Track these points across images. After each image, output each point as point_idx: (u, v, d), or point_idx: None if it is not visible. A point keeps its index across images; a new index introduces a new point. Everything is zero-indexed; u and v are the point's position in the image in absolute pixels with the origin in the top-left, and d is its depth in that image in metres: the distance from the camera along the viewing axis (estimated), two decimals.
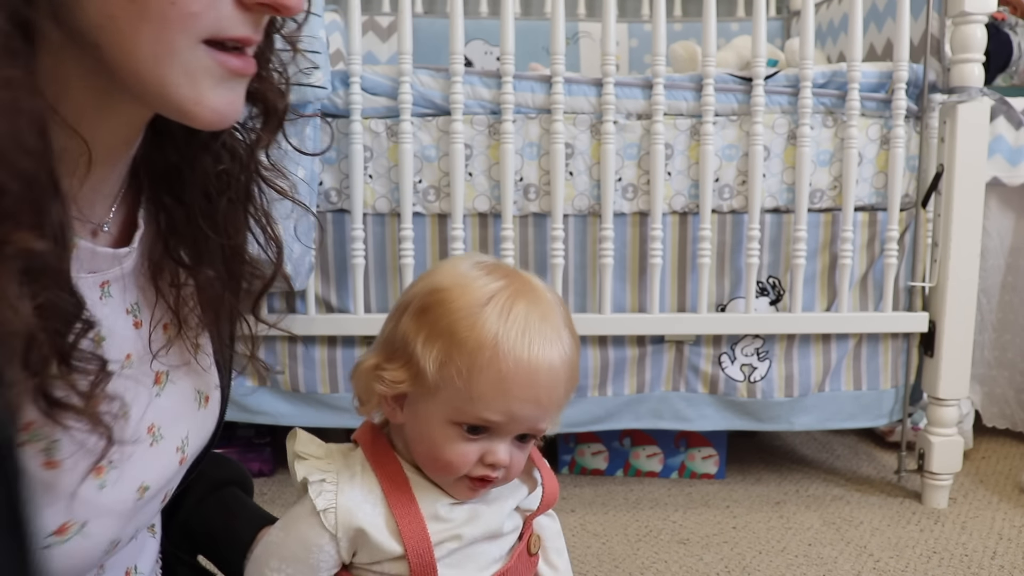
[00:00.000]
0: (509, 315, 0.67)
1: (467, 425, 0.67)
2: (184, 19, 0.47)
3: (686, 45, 1.94)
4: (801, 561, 1.41)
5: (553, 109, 1.49)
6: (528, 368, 0.66)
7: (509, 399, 0.66)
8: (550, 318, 0.69)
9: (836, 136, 1.57)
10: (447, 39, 1.48)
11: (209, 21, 0.48)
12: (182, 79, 0.48)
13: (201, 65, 0.49)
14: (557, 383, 0.68)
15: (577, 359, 0.72)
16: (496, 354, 0.65)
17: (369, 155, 1.51)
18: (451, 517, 0.70)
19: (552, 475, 0.78)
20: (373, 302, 1.56)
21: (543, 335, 0.67)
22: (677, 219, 1.57)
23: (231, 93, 0.52)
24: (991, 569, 1.38)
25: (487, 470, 0.68)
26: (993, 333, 1.93)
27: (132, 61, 0.47)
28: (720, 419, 1.63)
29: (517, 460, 0.71)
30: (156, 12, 0.46)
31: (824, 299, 1.62)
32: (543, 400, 0.68)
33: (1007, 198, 1.86)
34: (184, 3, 0.46)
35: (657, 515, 1.59)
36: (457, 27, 1.47)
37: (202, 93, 0.50)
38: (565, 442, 1.79)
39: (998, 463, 1.85)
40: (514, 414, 0.67)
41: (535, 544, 0.76)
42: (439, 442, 0.68)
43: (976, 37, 1.49)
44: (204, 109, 0.50)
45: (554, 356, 0.67)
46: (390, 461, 0.71)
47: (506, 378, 0.66)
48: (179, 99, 0.49)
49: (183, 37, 0.47)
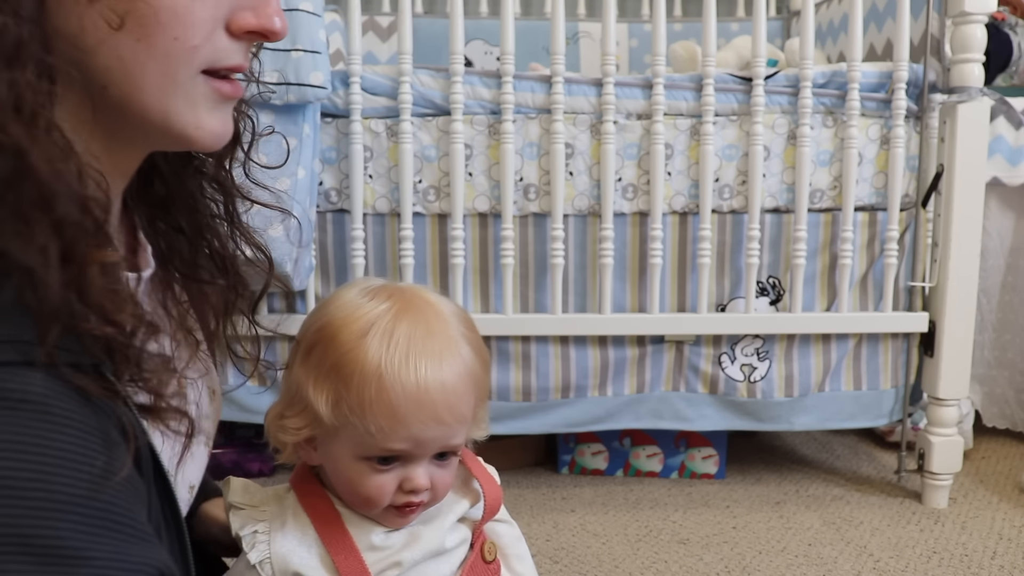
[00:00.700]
0: (391, 340, 0.66)
1: (376, 458, 0.67)
2: (186, 53, 0.50)
3: (686, 45, 1.94)
4: (801, 561, 1.41)
5: (553, 109, 1.49)
6: (418, 392, 0.65)
7: (407, 426, 0.65)
8: (438, 333, 0.68)
9: (836, 136, 1.57)
10: (447, 39, 1.48)
11: (207, 53, 0.52)
12: (183, 107, 0.52)
13: (200, 93, 0.53)
14: (455, 399, 0.67)
15: (480, 366, 0.71)
16: (382, 385, 0.64)
17: (369, 155, 1.51)
18: (388, 544, 0.69)
19: (492, 481, 0.77)
20: None
21: (430, 353, 0.66)
22: (677, 219, 1.57)
23: (224, 116, 0.56)
24: (991, 569, 1.38)
25: (409, 496, 0.68)
26: (993, 333, 1.93)
27: (139, 95, 0.51)
28: (720, 419, 1.63)
29: (441, 479, 0.70)
30: (161, 49, 0.49)
31: (824, 299, 1.62)
32: (445, 418, 0.67)
33: (1007, 198, 1.85)
34: (186, 39, 0.50)
35: (657, 515, 1.59)
36: (457, 27, 1.47)
37: (200, 117, 0.54)
38: (565, 442, 1.79)
39: (998, 463, 1.85)
40: (418, 439, 0.66)
41: (490, 551, 0.75)
42: (354, 479, 0.68)
43: (976, 37, 1.49)
44: (203, 132, 0.54)
45: (445, 373, 0.66)
46: (321, 500, 0.71)
47: (398, 407, 0.65)
48: (181, 126, 0.53)
49: (185, 69, 0.51)
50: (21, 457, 0.41)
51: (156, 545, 0.47)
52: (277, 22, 0.54)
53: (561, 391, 1.59)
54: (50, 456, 0.42)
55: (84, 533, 0.42)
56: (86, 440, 0.44)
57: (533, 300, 1.57)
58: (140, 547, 0.45)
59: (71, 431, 0.44)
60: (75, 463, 0.43)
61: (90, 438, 0.44)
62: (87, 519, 0.43)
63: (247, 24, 0.53)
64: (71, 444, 0.43)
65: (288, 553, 0.67)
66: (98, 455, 0.44)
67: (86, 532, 0.42)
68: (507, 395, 1.58)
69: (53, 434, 0.43)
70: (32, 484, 0.41)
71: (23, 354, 0.43)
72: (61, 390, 0.44)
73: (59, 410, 0.43)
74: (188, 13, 0.49)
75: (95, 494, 0.43)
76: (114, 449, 0.46)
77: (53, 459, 0.42)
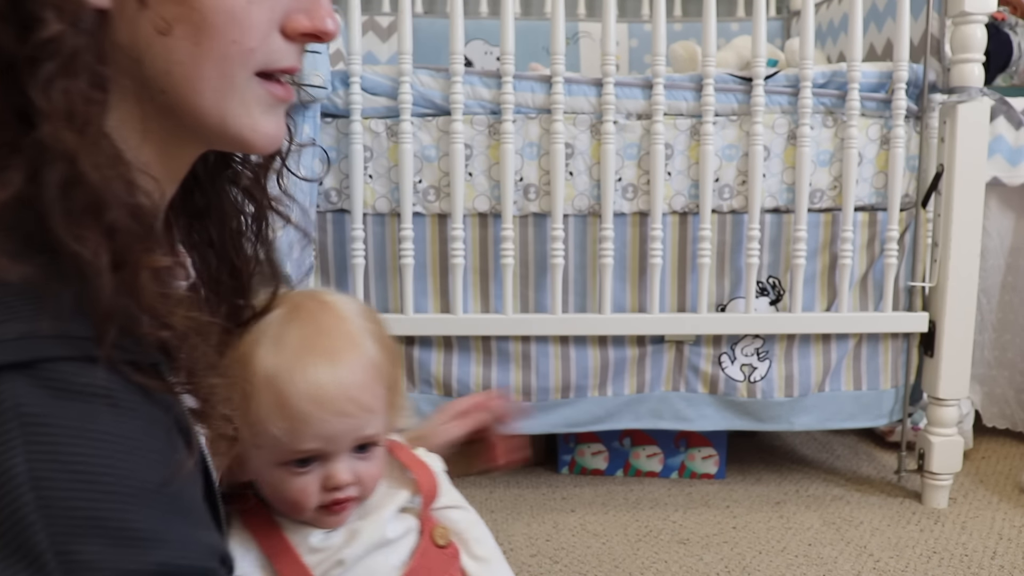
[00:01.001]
0: (280, 346, 0.66)
1: (292, 461, 0.67)
2: (243, 55, 0.52)
3: (686, 45, 1.94)
4: (801, 561, 1.41)
5: (553, 109, 1.49)
6: (314, 391, 0.66)
7: (311, 425, 0.66)
8: (330, 330, 0.69)
9: (836, 136, 1.57)
10: (447, 39, 1.48)
11: (262, 55, 0.53)
12: (240, 110, 0.53)
13: (254, 95, 0.54)
14: (356, 391, 0.68)
15: (384, 356, 0.71)
16: (277, 389, 0.65)
17: (369, 155, 1.51)
18: (327, 545, 0.70)
19: (425, 468, 0.77)
20: (373, 302, 1.56)
21: (321, 351, 0.67)
22: (677, 219, 1.57)
23: (278, 119, 0.57)
24: (991, 569, 1.38)
25: (334, 494, 0.68)
26: (993, 333, 1.93)
27: (197, 98, 0.52)
28: (720, 419, 1.63)
29: (366, 471, 0.70)
30: (219, 52, 0.51)
31: (824, 299, 1.62)
32: (349, 411, 0.67)
33: (1007, 198, 1.85)
34: (243, 41, 0.51)
35: (657, 515, 1.59)
36: (457, 27, 1.47)
37: (256, 120, 0.55)
38: (565, 442, 1.79)
39: (998, 463, 1.85)
40: (326, 436, 0.67)
41: (441, 536, 0.76)
42: (277, 485, 0.68)
43: (976, 37, 1.49)
44: (259, 135, 0.55)
45: (340, 367, 0.67)
46: (259, 512, 0.71)
47: (298, 408, 0.65)
48: (238, 128, 0.54)
49: (241, 71, 0.52)
50: (94, 445, 0.43)
51: (216, 532, 0.50)
52: (330, 24, 0.55)
53: (561, 391, 1.59)
54: (121, 444, 0.44)
55: (156, 517, 0.44)
56: (151, 431, 0.46)
57: (533, 300, 1.57)
58: (206, 532, 0.48)
59: (138, 422, 0.46)
60: (143, 451, 0.45)
61: (155, 429, 0.47)
62: (159, 504, 0.45)
63: (301, 27, 0.54)
64: (139, 433, 0.46)
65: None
66: (164, 445, 0.47)
67: (158, 516, 0.44)
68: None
69: (123, 424, 0.45)
70: (105, 470, 0.43)
71: (85, 351, 0.45)
72: (123, 384, 0.46)
73: (126, 402, 0.46)
74: (246, 16, 0.51)
75: (164, 481, 0.45)
76: (175, 440, 0.48)
77: (124, 447, 0.44)
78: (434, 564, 0.74)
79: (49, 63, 0.45)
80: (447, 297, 1.55)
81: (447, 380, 1.57)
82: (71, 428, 0.43)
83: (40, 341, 0.44)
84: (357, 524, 0.71)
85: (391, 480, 0.76)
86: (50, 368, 0.44)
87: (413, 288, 1.52)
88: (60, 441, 0.43)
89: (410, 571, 0.72)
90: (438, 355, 1.57)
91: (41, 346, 0.44)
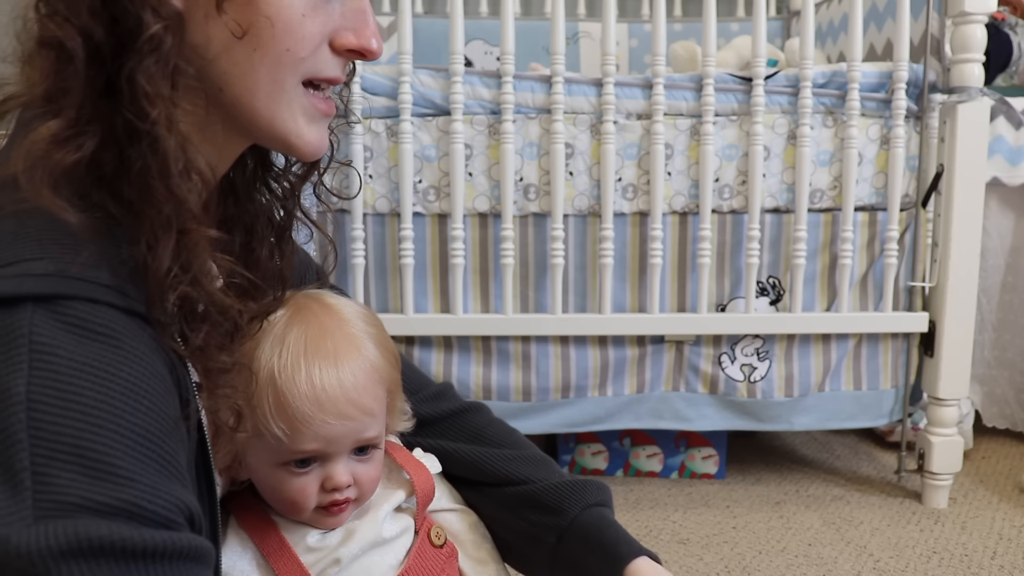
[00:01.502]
0: (282, 347, 0.67)
1: (292, 462, 0.68)
2: (294, 63, 0.57)
3: (686, 45, 1.94)
4: (801, 561, 1.41)
5: (553, 109, 1.49)
6: (315, 392, 0.66)
7: (312, 426, 0.66)
8: (332, 331, 0.69)
9: (836, 136, 1.57)
10: (447, 39, 1.48)
11: (311, 64, 0.59)
12: (287, 114, 0.59)
13: (300, 103, 0.60)
14: (356, 393, 0.68)
15: (385, 360, 0.72)
16: (279, 391, 0.66)
17: (369, 155, 1.51)
18: (324, 544, 0.70)
19: (422, 469, 0.77)
20: (373, 302, 1.56)
21: (323, 353, 0.67)
22: (677, 219, 1.57)
23: (321, 131, 0.63)
24: (991, 569, 1.38)
25: (333, 495, 0.69)
26: (993, 333, 1.93)
27: (250, 98, 0.58)
28: (720, 419, 1.63)
29: (364, 473, 0.71)
30: (273, 57, 0.56)
31: (824, 299, 1.62)
32: (349, 413, 0.68)
33: (1007, 198, 1.85)
34: (296, 50, 0.57)
35: (657, 515, 1.59)
36: (457, 27, 1.47)
37: (302, 128, 0.61)
38: (565, 442, 1.79)
39: (998, 463, 1.86)
40: (326, 437, 0.67)
41: (438, 535, 0.76)
42: (276, 486, 0.69)
43: (976, 37, 1.49)
44: (304, 142, 0.61)
45: (342, 369, 0.68)
46: (257, 514, 0.72)
47: (298, 409, 0.66)
48: (285, 132, 0.60)
49: (292, 77, 0.58)
50: (92, 380, 0.47)
51: (190, 490, 0.52)
52: (374, 43, 0.61)
53: (561, 391, 1.59)
54: (117, 385, 0.48)
55: (133, 458, 0.47)
56: (150, 381, 0.49)
57: (533, 300, 1.57)
58: (177, 486, 0.49)
59: (139, 369, 0.49)
60: (137, 396, 0.48)
61: (154, 381, 0.50)
62: (138, 446, 0.47)
63: (348, 43, 0.60)
64: (137, 380, 0.49)
65: (230, 568, 0.68)
66: (159, 397, 0.50)
67: (135, 458, 0.47)
68: (507, 395, 1.58)
69: (123, 367, 0.48)
70: (97, 405, 0.46)
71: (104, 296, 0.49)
72: (137, 333, 0.50)
73: (132, 349, 0.49)
74: (300, 28, 0.57)
75: (149, 427, 0.48)
76: (170, 397, 0.51)
77: (119, 388, 0.48)
78: (430, 564, 0.74)
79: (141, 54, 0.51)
80: (447, 297, 1.55)
81: (447, 380, 1.57)
82: (74, 361, 0.47)
83: (64, 280, 0.48)
84: (353, 524, 0.72)
85: (387, 480, 0.76)
86: (67, 305, 0.48)
87: (413, 288, 1.52)
88: (61, 371, 0.46)
89: (406, 570, 0.72)
90: (438, 355, 1.57)
91: (64, 284, 0.48)
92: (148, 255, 0.51)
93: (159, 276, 0.51)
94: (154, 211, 0.52)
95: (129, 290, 0.51)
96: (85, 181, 0.52)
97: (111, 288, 0.49)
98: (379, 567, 0.71)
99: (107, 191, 0.53)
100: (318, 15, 0.57)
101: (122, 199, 0.53)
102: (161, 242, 0.52)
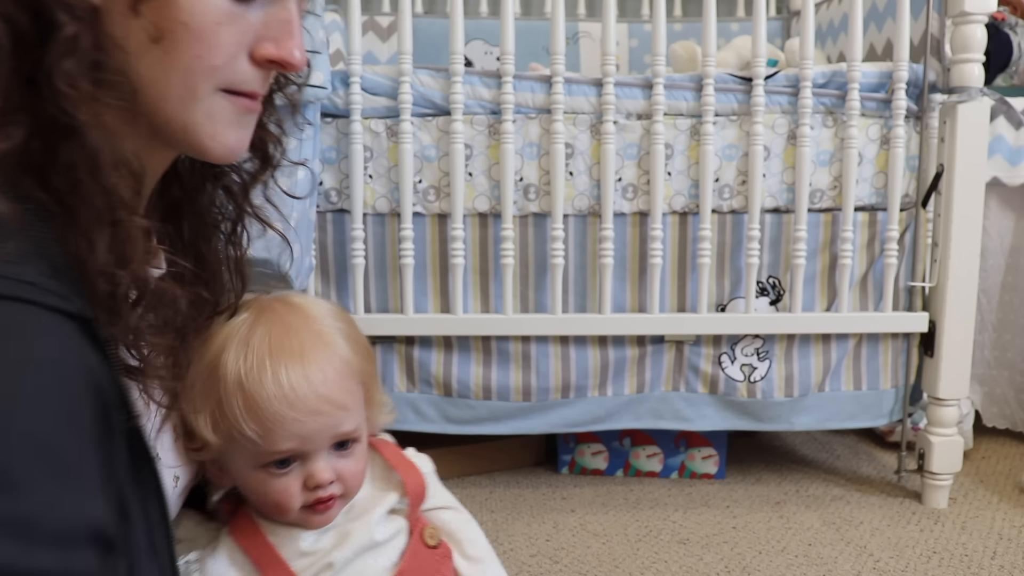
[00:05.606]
0: (247, 350, 0.67)
1: (271, 463, 0.68)
2: (208, 70, 0.56)
3: (686, 45, 1.94)
4: (801, 561, 1.41)
5: (553, 109, 1.49)
6: (283, 392, 0.66)
7: (285, 426, 0.66)
8: (298, 329, 0.69)
9: (836, 136, 1.57)
10: (447, 39, 1.48)
11: (227, 74, 0.57)
12: (202, 119, 0.58)
13: (218, 107, 0.58)
14: (327, 388, 0.68)
15: (356, 354, 0.71)
16: (246, 393, 0.65)
17: (369, 155, 1.51)
18: (317, 548, 0.70)
19: (412, 469, 0.77)
20: (373, 302, 1.56)
21: (289, 351, 0.67)
22: (677, 219, 1.57)
23: (242, 131, 0.61)
24: (991, 569, 1.38)
25: (317, 493, 0.69)
26: (993, 333, 1.93)
27: (163, 103, 0.56)
28: (720, 419, 1.63)
29: (348, 469, 0.70)
30: (183, 63, 0.55)
31: (824, 299, 1.62)
32: (322, 409, 0.67)
33: (1007, 198, 1.85)
34: (208, 57, 0.56)
35: (657, 515, 1.59)
36: (457, 27, 1.47)
37: (218, 131, 0.59)
38: (565, 442, 1.79)
39: (998, 463, 1.85)
40: (300, 435, 0.67)
41: (431, 536, 0.76)
42: (258, 488, 0.69)
43: (976, 37, 1.49)
44: (217, 144, 0.59)
45: (308, 367, 0.67)
46: (245, 520, 0.72)
47: (268, 410, 0.65)
48: (198, 136, 0.58)
49: (205, 85, 0.57)
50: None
51: (99, 500, 0.47)
52: (296, 54, 0.59)
53: (561, 391, 1.59)
54: (22, 388, 0.44)
55: (30, 467, 0.43)
56: (62, 385, 0.46)
57: (533, 300, 1.57)
58: (79, 498, 0.46)
59: (50, 372, 0.46)
60: (40, 399, 0.45)
61: (66, 384, 0.46)
62: (37, 455, 0.44)
63: (268, 53, 0.58)
64: (47, 382, 0.45)
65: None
66: (72, 401, 0.47)
67: (32, 467, 0.43)
68: (507, 395, 1.58)
69: (31, 368, 0.45)
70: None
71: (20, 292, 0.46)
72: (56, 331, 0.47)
73: (45, 351, 0.46)
74: (213, 35, 0.55)
75: (54, 432, 0.45)
76: (90, 396, 0.48)
77: (25, 391, 0.44)
78: (424, 564, 0.74)
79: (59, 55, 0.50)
80: (447, 297, 1.55)
81: (447, 380, 1.57)
82: None
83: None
84: (347, 526, 0.71)
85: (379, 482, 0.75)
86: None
87: (413, 288, 1.52)
88: None
89: (400, 572, 0.72)
90: (438, 355, 1.57)
91: None
92: (81, 247, 0.50)
93: (93, 268, 0.50)
94: (85, 204, 0.51)
95: (54, 285, 0.48)
96: (15, 171, 0.51)
97: (34, 285, 0.47)
98: (373, 570, 0.71)
99: (37, 180, 0.51)
100: (235, 23, 0.56)
101: (53, 189, 0.51)
102: (94, 234, 0.51)
